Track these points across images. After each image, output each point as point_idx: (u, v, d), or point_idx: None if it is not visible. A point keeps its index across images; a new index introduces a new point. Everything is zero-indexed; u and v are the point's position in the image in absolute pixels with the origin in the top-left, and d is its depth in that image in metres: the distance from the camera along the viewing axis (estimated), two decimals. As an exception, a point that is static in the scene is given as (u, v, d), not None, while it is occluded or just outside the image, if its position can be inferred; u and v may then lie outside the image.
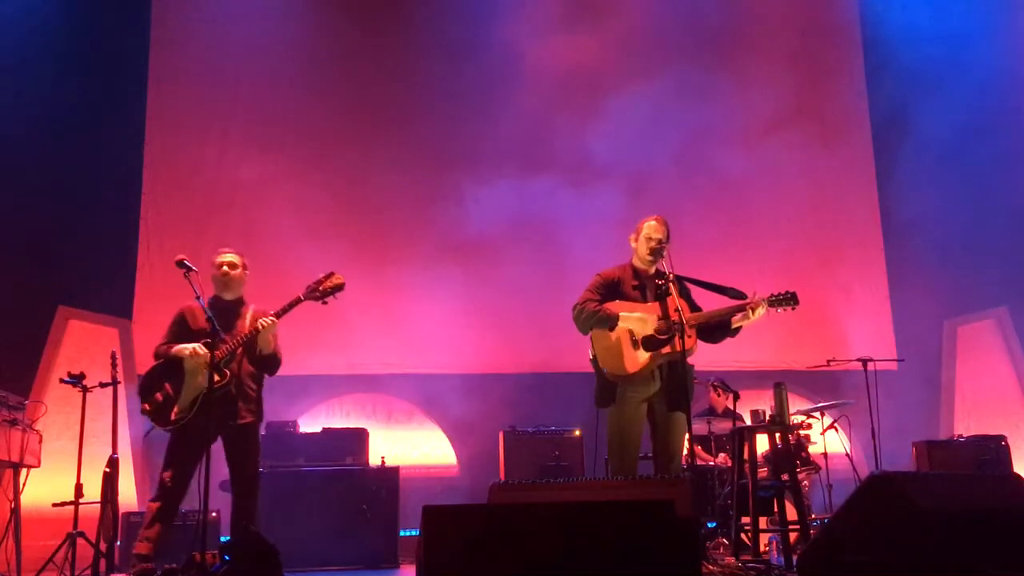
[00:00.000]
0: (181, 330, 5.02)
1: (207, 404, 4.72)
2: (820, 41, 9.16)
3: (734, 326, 4.94)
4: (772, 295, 4.88)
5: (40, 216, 7.21)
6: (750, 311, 4.82)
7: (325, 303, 4.94)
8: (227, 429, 4.90)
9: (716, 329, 4.98)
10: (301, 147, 8.27)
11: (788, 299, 4.87)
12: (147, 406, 4.88)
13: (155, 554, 4.74)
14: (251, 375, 5.03)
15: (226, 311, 5.02)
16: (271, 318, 4.85)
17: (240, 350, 4.92)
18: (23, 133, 7.20)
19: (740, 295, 4.88)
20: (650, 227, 5.01)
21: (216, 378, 4.74)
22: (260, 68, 8.40)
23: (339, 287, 4.94)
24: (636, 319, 4.88)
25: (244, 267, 5.13)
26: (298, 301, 4.90)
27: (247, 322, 5.00)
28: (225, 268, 5.07)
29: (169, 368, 4.93)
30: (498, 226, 8.01)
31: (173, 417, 4.82)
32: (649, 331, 4.85)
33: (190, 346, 4.89)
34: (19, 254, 7.05)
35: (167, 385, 4.88)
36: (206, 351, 4.79)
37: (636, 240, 5.07)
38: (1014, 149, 7.74)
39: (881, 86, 8.94)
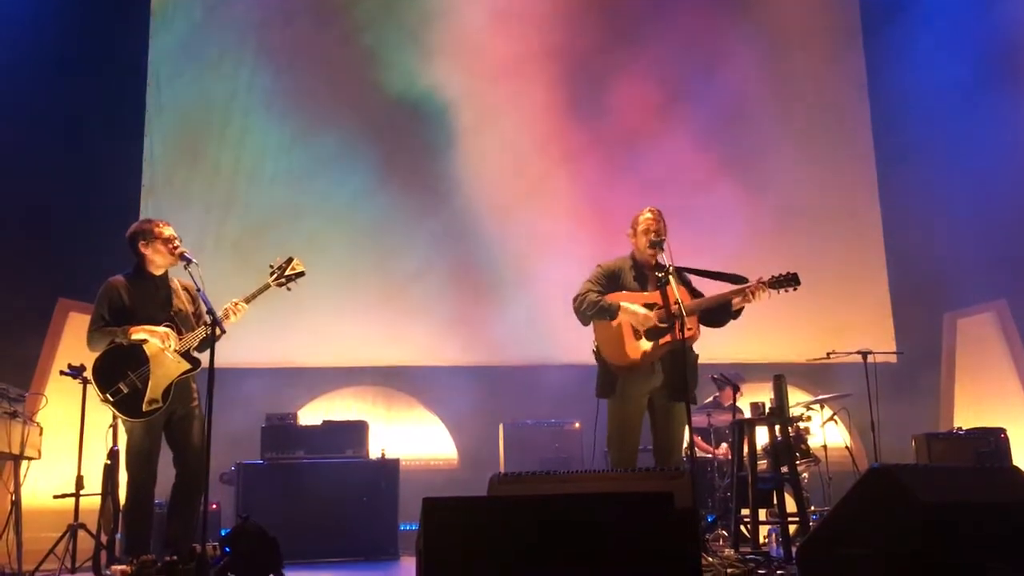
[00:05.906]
0: (116, 310, 4.70)
1: (179, 391, 4.69)
2: (821, 28, 9.13)
3: (735, 308, 4.91)
4: (773, 277, 4.84)
5: (40, 207, 7.18)
6: (750, 295, 4.80)
7: (289, 289, 4.90)
8: (185, 412, 4.77)
9: (718, 311, 4.95)
10: (302, 145, 8.23)
11: (789, 280, 4.80)
12: (110, 396, 4.59)
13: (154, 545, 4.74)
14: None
15: (157, 287, 4.84)
16: (243, 303, 4.72)
17: (184, 329, 4.75)
18: (23, 123, 7.16)
19: (741, 280, 4.84)
20: (646, 220, 5.01)
21: (188, 366, 4.70)
22: (264, 55, 8.35)
23: (301, 274, 4.89)
24: (637, 309, 4.87)
25: None
26: (266, 287, 4.82)
27: (183, 298, 4.86)
28: (177, 241, 4.78)
29: (125, 352, 4.64)
30: (497, 218, 8.00)
31: (145, 408, 4.60)
32: (651, 321, 4.85)
33: (159, 330, 4.66)
34: (19, 246, 7.03)
35: (129, 372, 4.61)
36: (176, 335, 4.68)
37: (634, 235, 5.07)
38: (1015, 139, 7.72)
39: (883, 78, 8.92)
